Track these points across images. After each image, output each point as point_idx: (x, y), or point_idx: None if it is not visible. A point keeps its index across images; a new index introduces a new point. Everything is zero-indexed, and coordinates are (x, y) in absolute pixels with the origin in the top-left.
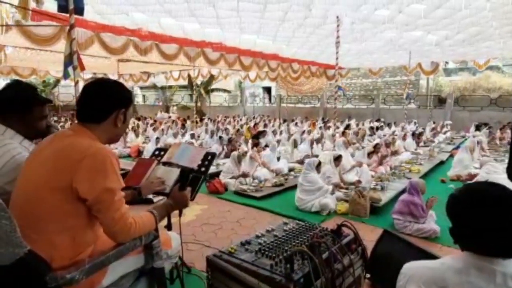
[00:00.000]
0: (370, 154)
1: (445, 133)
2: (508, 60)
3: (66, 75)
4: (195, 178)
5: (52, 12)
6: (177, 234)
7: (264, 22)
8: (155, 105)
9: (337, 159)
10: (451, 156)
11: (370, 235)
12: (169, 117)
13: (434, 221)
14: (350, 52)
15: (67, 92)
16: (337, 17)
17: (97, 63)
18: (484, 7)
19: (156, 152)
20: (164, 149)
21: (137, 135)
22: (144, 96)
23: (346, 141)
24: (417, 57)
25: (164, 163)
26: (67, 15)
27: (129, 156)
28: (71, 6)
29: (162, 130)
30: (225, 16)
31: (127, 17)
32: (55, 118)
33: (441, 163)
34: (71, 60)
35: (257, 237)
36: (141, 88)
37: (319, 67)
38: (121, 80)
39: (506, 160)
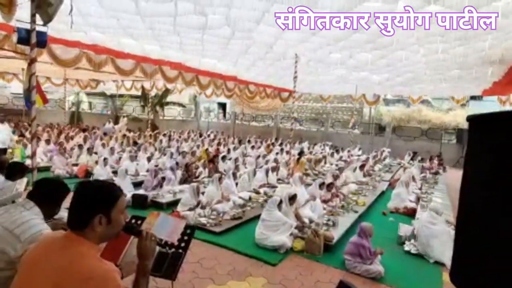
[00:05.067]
0: (321, 185)
1: (384, 159)
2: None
3: (28, 106)
4: (176, 255)
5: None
6: None
7: (226, 53)
8: (103, 113)
9: (292, 198)
10: (390, 185)
11: (324, 275)
12: (113, 127)
13: (379, 262)
14: (304, 81)
15: (1, 94)
16: (296, 54)
17: (40, 67)
18: (420, 61)
19: (133, 221)
20: (141, 218)
21: (90, 154)
22: (90, 103)
23: (301, 177)
24: (362, 89)
25: None
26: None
27: (76, 176)
28: (34, 40)
29: (111, 149)
30: (189, 44)
31: (85, 35)
32: None
33: (382, 193)
34: (29, 95)
35: None
36: (88, 94)
37: (274, 90)
38: (67, 86)
39: (435, 193)
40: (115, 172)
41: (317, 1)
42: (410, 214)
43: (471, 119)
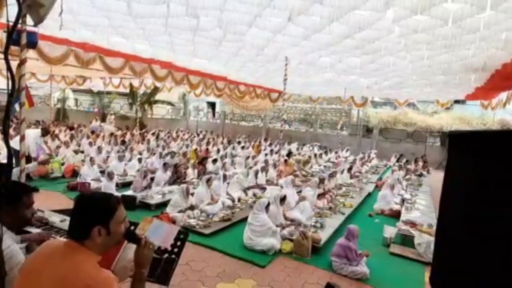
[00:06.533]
0: (320, 196)
1: (370, 161)
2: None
3: (12, 111)
4: (169, 260)
5: None
6: None
7: (217, 54)
8: (90, 111)
9: (283, 199)
10: (376, 186)
11: (311, 277)
12: (100, 125)
13: (365, 263)
14: (294, 83)
15: None
16: (286, 57)
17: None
18: (406, 66)
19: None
20: (134, 223)
21: (76, 152)
22: (76, 100)
23: (293, 180)
24: (351, 92)
25: None
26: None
27: (63, 176)
28: (24, 41)
29: (99, 148)
30: (180, 44)
31: (74, 33)
32: None
33: (369, 195)
34: (18, 96)
35: None
36: (74, 91)
37: (264, 90)
38: (53, 82)
39: (420, 195)
40: (102, 172)
41: (309, 8)
42: (395, 216)
43: (452, 135)
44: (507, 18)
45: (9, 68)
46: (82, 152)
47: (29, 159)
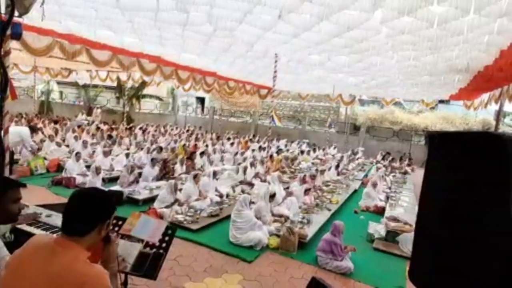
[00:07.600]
0: (307, 191)
1: (357, 159)
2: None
3: None
4: (157, 255)
5: None
6: None
7: (207, 49)
8: (75, 104)
9: (272, 196)
10: (363, 183)
11: (298, 271)
12: (87, 120)
13: (349, 258)
14: (283, 80)
15: None
16: (276, 54)
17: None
18: (393, 66)
19: (114, 221)
20: (122, 218)
21: (58, 145)
22: (61, 93)
23: (280, 176)
24: (339, 90)
25: (123, 236)
26: None
27: (47, 171)
28: (8, 32)
29: (84, 142)
30: (169, 38)
31: (59, 24)
32: None
33: (355, 191)
34: (1, 89)
35: None
36: (59, 83)
37: (253, 87)
38: (37, 74)
39: (404, 192)
40: (88, 167)
41: (298, 6)
42: (380, 212)
43: (431, 135)
44: (490, 21)
45: (1, 63)
46: (67, 146)
47: (12, 158)
